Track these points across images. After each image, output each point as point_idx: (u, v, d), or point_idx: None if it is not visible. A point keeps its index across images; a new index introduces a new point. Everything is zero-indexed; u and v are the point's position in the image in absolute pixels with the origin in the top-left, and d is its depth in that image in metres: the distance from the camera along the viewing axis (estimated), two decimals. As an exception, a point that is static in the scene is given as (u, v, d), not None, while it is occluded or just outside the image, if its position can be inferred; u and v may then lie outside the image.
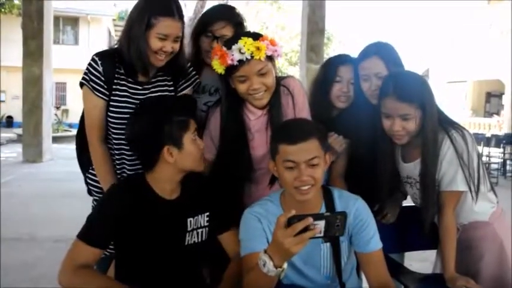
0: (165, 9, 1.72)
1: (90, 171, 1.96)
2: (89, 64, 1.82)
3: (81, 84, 1.85)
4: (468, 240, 1.83)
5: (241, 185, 1.89)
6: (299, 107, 1.87)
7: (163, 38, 1.73)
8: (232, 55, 1.69)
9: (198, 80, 2.00)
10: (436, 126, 1.77)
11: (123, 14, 19.47)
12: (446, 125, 1.80)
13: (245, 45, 1.68)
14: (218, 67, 1.75)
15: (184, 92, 1.95)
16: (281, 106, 1.84)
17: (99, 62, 1.80)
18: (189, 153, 1.59)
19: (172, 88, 1.93)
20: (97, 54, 1.83)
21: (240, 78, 1.73)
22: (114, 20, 20.82)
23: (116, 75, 1.82)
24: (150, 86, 1.88)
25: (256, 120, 1.86)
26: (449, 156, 1.76)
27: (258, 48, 1.69)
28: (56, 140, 11.83)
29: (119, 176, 1.91)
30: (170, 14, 1.72)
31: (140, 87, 1.86)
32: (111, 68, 1.81)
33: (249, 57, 1.69)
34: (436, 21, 19.90)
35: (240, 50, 1.68)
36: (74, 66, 18.55)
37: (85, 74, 1.83)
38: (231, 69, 1.73)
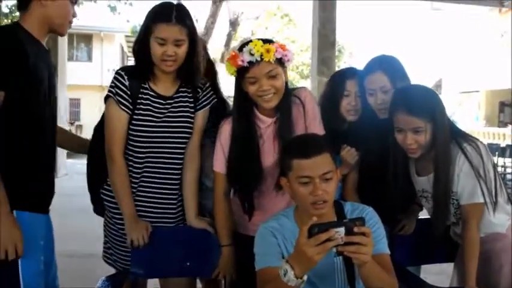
0: (162, 16, 1.82)
1: (105, 187, 1.98)
2: (115, 78, 1.88)
3: (106, 98, 1.89)
4: (486, 253, 1.81)
5: (251, 195, 1.89)
6: (310, 116, 1.90)
7: (162, 43, 1.80)
8: (243, 57, 1.74)
9: (215, 100, 2.04)
10: (448, 138, 1.77)
11: (137, 28, 19.69)
12: (459, 138, 1.80)
13: (255, 47, 1.74)
14: (229, 69, 1.81)
15: (201, 110, 2.00)
16: (291, 116, 1.87)
17: (125, 77, 1.87)
18: None
19: (192, 105, 1.97)
20: (123, 69, 1.91)
21: (250, 79, 1.78)
22: (127, 36, 21.10)
23: (141, 90, 1.88)
24: (172, 101, 1.93)
25: (265, 128, 1.88)
26: (466, 169, 1.75)
27: (267, 51, 1.74)
28: (70, 155, 11.95)
29: (134, 190, 1.92)
30: (166, 20, 1.81)
31: (164, 102, 1.91)
32: (137, 83, 1.88)
33: (258, 59, 1.74)
34: (448, 31, 19.85)
35: (250, 52, 1.74)
36: (88, 83, 18.75)
37: (111, 87, 1.87)
38: (242, 71, 1.78)
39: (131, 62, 2.36)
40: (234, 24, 15.62)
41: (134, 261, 1.93)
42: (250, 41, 1.77)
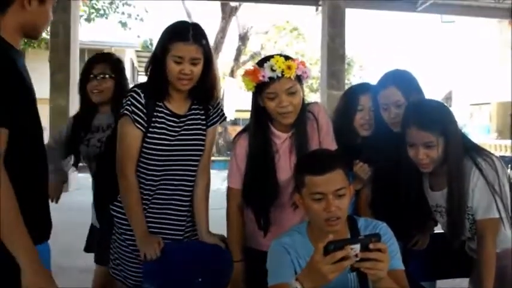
0: (179, 35, 1.83)
1: (116, 203, 1.98)
2: (132, 96, 1.87)
3: (121, 115, 1.89)
4: (503, 268, 1.78)
5: (268, 210, 1.89)
6: (323, 131, 1.91)
7: (179, 61, 1.81)
8: (264, 72, 1.75)
9: (224, 117, 2.07)
10: (461, 152, 1.76)
11: (148, 43, 19.91)
12: (473, 152, 1.79)
13: (277, 63, 1.75)
14: (248, 84, 1.81)
15: (212, 127, 2.02)
16: (306, 131, 1.87)
17: (142, 95, 1.86)
18: None
19: (204, 122, 1.99)
20: (139, 87, 1.90)
21: (270, 95, 1.79)
22: (137, 51, 21.40)
23: (156, 108, 1.89)
24: (185, 119, 1.95)
25: (281, 143, 1.89)
26: (480, 184, 1.74)
27: (289, 67, 1.75)
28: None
29: (145, 206, 1.92)
30: (183, 39, 1.82)
31: (177, 120, 1.93)
32: (153, 102, 1.88)
33: (279, 75, 1.75)
34: (458, 43, 19.84)
35: (271, 68, 1.75)
36: (99, 97, 18.85)
37: (127, 105, 1.87)
38: (261, 87, 1.79)
39: (142, 76, 2.36)
40: (243, 38, 15.76)
41: (146, 277, 1.92)
42: (272, 56, 1.78)
